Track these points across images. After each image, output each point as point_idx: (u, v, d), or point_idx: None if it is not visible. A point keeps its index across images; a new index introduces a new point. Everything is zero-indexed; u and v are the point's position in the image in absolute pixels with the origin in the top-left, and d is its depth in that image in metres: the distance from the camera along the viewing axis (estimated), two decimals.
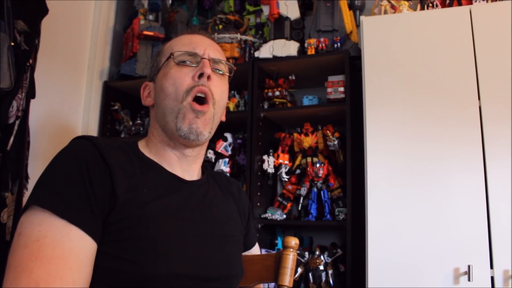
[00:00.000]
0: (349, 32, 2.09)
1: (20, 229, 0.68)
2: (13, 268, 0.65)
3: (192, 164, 0.91)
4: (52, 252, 0.66)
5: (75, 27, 2.20)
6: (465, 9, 1.69)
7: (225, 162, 2.08)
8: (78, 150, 0.76)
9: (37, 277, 0.63)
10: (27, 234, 0.67)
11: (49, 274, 0.64)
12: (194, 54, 0.88)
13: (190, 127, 0.83)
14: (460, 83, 1.62)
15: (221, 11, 2.44)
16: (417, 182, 1.60)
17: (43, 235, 0.66)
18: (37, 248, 0.65)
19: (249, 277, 0.98)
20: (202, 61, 0.87)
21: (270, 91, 2.05)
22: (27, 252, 0.65)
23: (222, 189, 0.98)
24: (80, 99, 2.23)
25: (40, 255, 0.65)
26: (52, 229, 0.67)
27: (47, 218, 0.68)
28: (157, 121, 0.89)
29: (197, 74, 0.85)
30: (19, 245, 0.67)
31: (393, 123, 1.68)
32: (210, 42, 0.93)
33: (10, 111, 1.45)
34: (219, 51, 0.93)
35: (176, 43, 0.92)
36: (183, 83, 0.84)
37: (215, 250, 0.84)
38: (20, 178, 1.48)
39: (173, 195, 0.82)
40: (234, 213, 0.96)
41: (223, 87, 0.91)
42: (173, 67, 0.87)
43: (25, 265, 0.64)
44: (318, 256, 1.88)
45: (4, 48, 1.39)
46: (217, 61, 0.90)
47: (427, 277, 1.51)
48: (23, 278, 0.63)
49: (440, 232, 1.53)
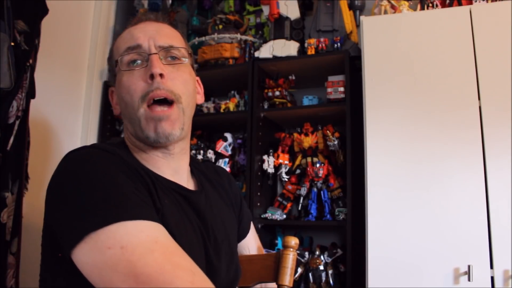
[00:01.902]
0: (349, 32, 2.09)
1: (119, 243, 0.62)
2: (158, 272, 0.61)
3: (179, 161, 0.87)
4: (173, 244, 0.66)
5: (75, 27, 2.20)
6: (465, 9, 1.69)
7: (225, 162, 2.08)
8: (101, 156, 0.73)
9: (187, 267, 0.64)
10: (137, 243, 0.63)
11: (190, 261, 0.66)
12: (138, 47, 0.81)
13: (156, 133, 0.79)
14: (460, 83, 1.62)
15: (221, 11, 2.43)
16: (417, 182, 1.60)
17: (155, 236, 0.65)
18: (162, 246, 0.64)
19: (249, 277, 0.98)
20: (150, 58, 0.79)
21: (270, 91, 2.05)
22: (158, 254, 0.63)
23: (214, 185, 0.96)
24: (80, 99, 2.22)
25: (171, 250, 0.65)
26: (154, 230, 0.66)
27: (140, 224, 0.65)
28: (128, 128, 0.85)
29: (148, 76, 0.78)
30: (139, 254, 0.62)
31: (393, 123, 1.68)
32: (157, 27, 0.85)
33: (10, 111, 1.45)
34: (168, 35, 0.84)
35: (120, 43, 0.85)
36: (137, 89, 0.79)
37: (220, 259, 0.84)
38: (20, 178, 1.48)
39: (182, 206, 0.81)
40: (228, 212, 0.96)
41: (183, 76, 0.83)
42: (123, 73, 0.81)
43: (170, 262, 0.62)
44: (318, 256, 1.88)
45: (4, 48, 1.39)
46: (167, 48, 0.82)
47: (427, 277, 1.51)
48: (180, 272, 0.62)
49: (440, 232, 1.53)
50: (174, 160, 0.86)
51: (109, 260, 0.62)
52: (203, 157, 2.12)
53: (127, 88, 0.80)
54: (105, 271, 0.62)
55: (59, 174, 0.73)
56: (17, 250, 1.45)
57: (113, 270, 0.62)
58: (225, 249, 0.87)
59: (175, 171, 0.86)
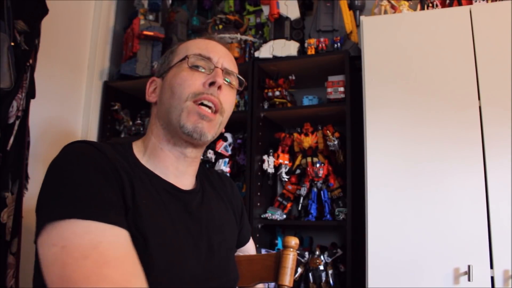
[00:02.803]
0: (349, 32, 2.09)
1: (63, 242, 0.63)
2: (82, 280, 0.61)
3: (189, 166, 0.89)
4: (115, 253, 0.64)
5: (75, 27, 2.20)
6: (465, 9, 1.69)
7: (225, 162, 2.08)
8: (86, 153, 0.74)
9: (115, 281, 0.61)
10: (78, 245, 0.63)
11: (124, 274, 0.63)
12: (208, 59, 0.87)
13: (195, 126, 0.82)
14: (460, 83, 1.62)
15: (221, 11, 2.44)
16: (417, 182, 1.60)
17: (98, 241, 0.64)
18: (98, 254, 0.63)
19: (249, 277, 0.98)
20: (216, 69, 0.85)
21: (270, 91, 2.05)
22: (90, 261, 0.62)
23: (216, 189, 0.97)
24: (80, 99, 2.23)
25: (106, 259, 0.63)
26: (103, 234, 0.65)
27: (91, 225, 0.65)
28: (160, 118, 0.87)
29: (208, 81, 0.84)
30: (74, 258, 0.62)
31: (393, 123, 1.68)
32: (226, 52, 0.92)
33: (10, 111, 1.45)
34: (233, 63, 0.92)
35: (192, 46, 0.90)
36: (192, 86, 0.83)
37: (215, 261, 0.84)
38: (20, 178, 1.48)
39: (170, 207, 0.81)
40: (229, 216, 0.96)
41: (232, 98, 0.91)
42: (185, 69, 0.86)
43: (97, 273, 0.61)
44: (318, 256, 1.88)
45: (4, 48, 1.39)
46: (230, 72, 0.90)
47: (427, 277, 1.51)
48: (103, 285, 0.60)
49: (440, 232, 1.53)
50: (185, 163, 0.88)
51: (50, 257, 0.64)
52: (203, 157, 2.12)
53: (184, 81, 0.84)
54: (46, 267, 0.64)
55: (50, 165, 0.76)
56: (17, 250, 1.45)
57: (50, 268, 0.63)
58: (221, 250, 0.87)
59: (181, 174, 0.88)
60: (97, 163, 0.73)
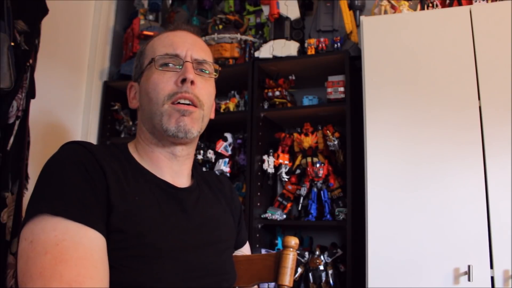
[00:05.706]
0: (349, 32, 2.09)
1: (32, 237, 0.66)
2: (37, 275, 0.62)
3: (182, 165, 0.89)
4: (76, 253, 0.65)
5: (75, 27, 2.20)
6: (465, 9, 1.69)
7: (225, 162, 2.08)
8: (73, 154, 0.75)
9: (68, 280, 0.62)
10: (42, 241, 0.65)
11: (79, 274, 0.63)
12: (175, 56, 0.86)
13: (177, 126, 0.82)
14: (460, 83, 1.62)
15: (221, 11, 2.43)
16: (417, 182, 1.60)
17: (61, 239, 0.65)
18: (58, 252, 0.64)
19: (249, 277, 0.98)
20: (185, 64, 0.85)
21: (270, 91, 2.05)
22: (49, 257, 0.63)
23: (214, 190, 0.97)
24: (80, 99, 2.23)
25: (65, 257, 0.64)
26: (69, 232, 0.66)
27: (60, 223, 0.66)
28: (144, 123, 0.88)
29: (180, 79, 0.83)
30: (36, 252, 0.64)
31: (393, 123, 1.68)
32: (194, 40, 0.90)
33: (10, 111, 1.45)
34: (203, 50, 0.90)
35: (158, 45, 0.89)
36: (165, 88, 0.83)
37: (210, 258, 0.84)
38: (20, 178, 1.48)
39: (164, 204, 0.81)
40: (226, 215, 0.96)
41: (209, 88, 0.89)
42: (155, 71, 0.85)
43: (52, 270, 0.62)
44: (318, 256, 1.88)
45: (4, 48, 1.39)
46: (201, 61, 0.88)
47: (427, 277, 1.51)
48: (54, 283, 0.61)
49: (440, 232, 1.53)
50: (178, 163, 0.88)
51: (20, 251, 0.67)
52: (203, 157, 2.12)
53: (156, 85, 0.84)
54: (18, 261, 0.67)
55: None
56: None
57: (19, 261, 0.66)
58: (217, 248, 0.87)
59: (176, 173, 0.88)
60: (80, 165, 0.73)
